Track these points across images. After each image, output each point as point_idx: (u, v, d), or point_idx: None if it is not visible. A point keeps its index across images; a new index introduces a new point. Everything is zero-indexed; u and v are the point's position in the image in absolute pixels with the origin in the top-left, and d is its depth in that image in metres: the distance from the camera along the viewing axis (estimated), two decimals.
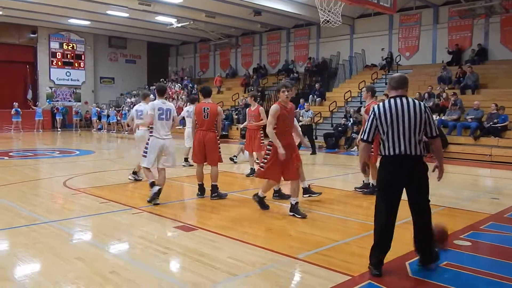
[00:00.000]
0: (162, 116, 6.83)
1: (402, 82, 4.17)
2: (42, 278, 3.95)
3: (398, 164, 4.02)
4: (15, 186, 8.30)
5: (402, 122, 3.96)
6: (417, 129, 3.99)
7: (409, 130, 3.97)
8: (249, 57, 28.08)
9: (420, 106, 4.03)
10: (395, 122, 3.98)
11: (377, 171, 4.37)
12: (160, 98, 7.03)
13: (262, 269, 4.19)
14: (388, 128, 4.00)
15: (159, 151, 6.83)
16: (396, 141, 3.98)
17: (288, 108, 6.19)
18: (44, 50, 27.92)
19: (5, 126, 24.72)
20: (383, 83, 20.10)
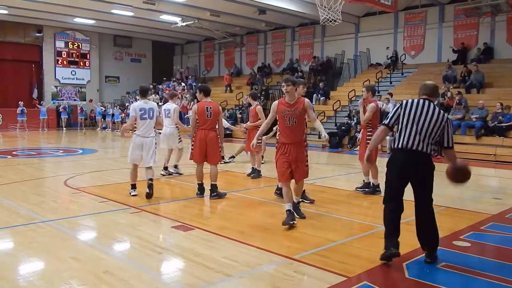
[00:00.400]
0: (145, 115, 7.13)
1: (434, 90, 4.50)
2: (36, 278, 3.93)
3: (409, 156, 4.23)
4: (16, 185, 8.31)
5: (423, 120, 4.19)
6: (434, 132, 4.21)
7: (427, 130, 4.18)
8: (254, 56, 28.03)
9: (442, 114, 4.27)
10: (417, 117, 4.20)
11: (387, 163, 4.48)
12: (143, 99, 7.30)
13: (257, 269, 4.16)
14: (409, 121, 4.22)
15: (138, 149, 7.19)
16: (412, 135, 4.20)
17: (292, 104, 5.69)
18: (49, 49, 28.02)
19: (10, 125, 24.85)
20: (388, 82, 20.04)
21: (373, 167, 7.65)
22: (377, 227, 5.60)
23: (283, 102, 5.77)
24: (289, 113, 5.70)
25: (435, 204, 6.93)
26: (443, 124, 4.23)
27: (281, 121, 5.79)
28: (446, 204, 7.01)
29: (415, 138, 4.19)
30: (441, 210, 6.70)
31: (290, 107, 5.72)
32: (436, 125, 4.20)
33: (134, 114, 7.12)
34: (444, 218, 6.43)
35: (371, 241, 5.06)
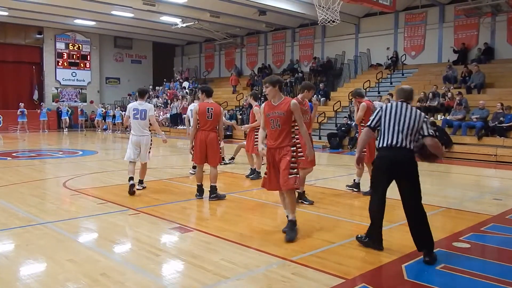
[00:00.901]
0: (137, 116, 7.64)
1: (410, 94, 4.79)
2: (31, 280, 3.90)
3: (395, 152, 4.53)
4: (14, 186, 8.29)
5: (403, 120, 4.52)
6: (414, 128, 4.53)
7: (408, 127, 4.51)
8: (254, 57, 28.01)
9: (419, 112, 4.63)
10: (397, 117, 4.54)
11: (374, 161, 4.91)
12: (140, 100, 7.77)
13: (255, 271, 4.13)
14: (391, 121, 4.56)
15: (135, 147, 7.69)
16: (396, 134, 4.53)
17: (275, 105, 5.14)
18: (50, 50, 28.04)
19: (11, 126, 24.87)
20: (388, 82, 20.00)
21: (368, 168, 7.68)
22: None
23: (268, 104, 5.28)
24: (273, 115, 5.15)
25: (435, 205, 6.93)
26: (421, 121, 4.56)
27: (266, 124, 5.30)
28: (446, 205, 6.98)
29: (398, 136, 4.52)
30: (441, 211, 6.68)
31: (274, 109, 5.17)
32: (415, 122, 4.53)
33: (128, 113, 7.71)
34: (444, 219, 6.42)
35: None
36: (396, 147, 4.51)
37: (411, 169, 4.57)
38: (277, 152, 5.16)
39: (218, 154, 7.21)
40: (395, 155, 4.53)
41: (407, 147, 4.51)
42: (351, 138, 16.45)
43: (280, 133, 5.12)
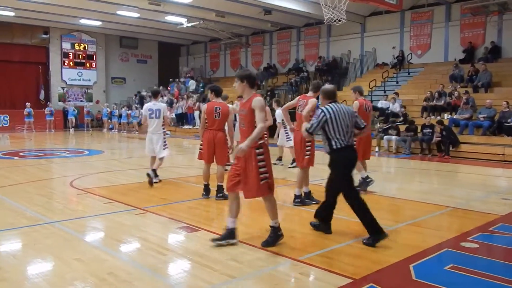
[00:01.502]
0: (152, 115, 8.42)
1: (335, 93, 5.30)
2: (39, 279, 3.91)
3: (352, 150, 5.11)
4: (21, 186, 8.33)
5: (345, 119, 5.00)
6: (352, 124, 5.09)
7: (349, 125, 5.03)
8: (259, 56, 27.99)
9: (349, 108, 5.23)
10: (342, 118, 4.97)
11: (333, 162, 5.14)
12: (154, 100, 8.60)
13: (262, 271, 4.12)
14: (338, 123, 4.94)
15: (150, 143, 8.48)
16: (346, 133, 4.99)
17: (244, 103, 4.78)
18: (56, 50, 28.15)
19: (17, 126, 24.99)
20: (394, 81, 19.93)
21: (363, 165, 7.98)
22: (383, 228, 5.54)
23: (241, 101, 5.02)
24: (240, 113, 4.85)
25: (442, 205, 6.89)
26: (354, 115, 5.14)
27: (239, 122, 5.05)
28: (453, 205, 6.94)
29: (347, 135, 5.00)
30: (448, 211, 6.64)
31: (242, 107, 4.81)
32: (352, 118, 5.07)
33: (145, 113, 8.54)
34: (451, 219, 6.38)
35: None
36: (350, 145, 5.05)
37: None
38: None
39: (225, 153, 7.26)
40: (353, 152, 5.11)
41: (353, 143, 5.14)
42: None
43: (245, 133, 4.71)
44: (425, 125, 14.62)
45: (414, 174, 11.39)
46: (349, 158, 5.07)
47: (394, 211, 7.02)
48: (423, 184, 9.84)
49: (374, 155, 14.92)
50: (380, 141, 15.64)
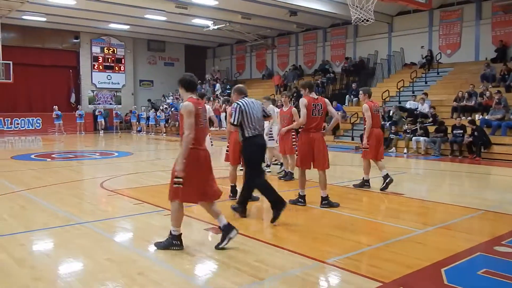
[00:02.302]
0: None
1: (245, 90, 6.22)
2: (72, 279, 4.01)
3: (261, 137, 6.03)
4: (53, 187, 8.55)
5: (256, 111, 5.90)
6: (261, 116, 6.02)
7: (260, 116, 5.97)
8: (285, 58, 27.96)
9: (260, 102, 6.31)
10: (253, 110, 5.86)
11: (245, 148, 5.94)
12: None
13: (289, 273, 4.11)
14: (250, 114, 5.83)
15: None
16: (257, 123, 5.88)
17: None
18: (86, 54, 28.80)
19: (49, 128, 25.67)
20: (423, 82, 19.60)
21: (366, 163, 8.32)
22: (412, 231, 5.47)
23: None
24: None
25: (474, 208, 6.74)
26: (261, 108, 6.11)
27: None
28: (485, 208, 6.77)
29: (257, 125, 5.88)
30: (480, 214, 6.48)
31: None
32: (260, 111, 6.01)
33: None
34: (483, 222, 6.23)
35: (406, 245, 4.92)
36: (260, 135, 5.96)
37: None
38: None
39: None
40: (262, 139, 6.04)
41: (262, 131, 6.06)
42: (385, 138, 16.16)
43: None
44: (456, 126, 14.32)
45: (444, 176, 11.16)
46: (257, 145, 5.90)
47: (423, 213, 6.89)
48: (453, 186, 9.64)
49: (403, 156, 14.71)
50: (408, 143, 15.40)
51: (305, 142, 6.61)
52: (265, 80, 28.12)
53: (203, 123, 4.66)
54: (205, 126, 4.77)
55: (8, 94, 25.46)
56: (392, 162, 13.53)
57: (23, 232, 5.44)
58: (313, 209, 6.78)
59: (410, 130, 15.67)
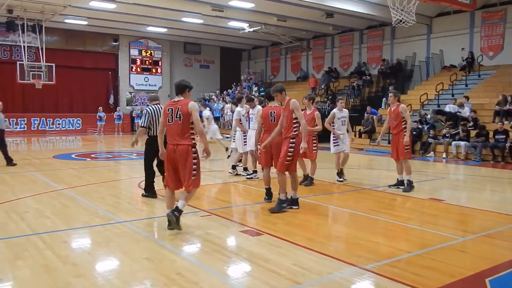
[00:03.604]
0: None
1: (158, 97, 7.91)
2: (112, 276, 4.10)
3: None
4: (93, 186, 8.78)
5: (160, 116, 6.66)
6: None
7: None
8: (321, 60, 27.76)
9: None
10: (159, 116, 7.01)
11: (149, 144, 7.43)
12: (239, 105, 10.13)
13: (327, 278, 4.06)
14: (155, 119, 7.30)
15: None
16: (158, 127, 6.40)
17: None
18: (124, 57, 29.46)
19: (89, 129, 26.40)
20: (463, 84, 19.06)
21: (399, 165, 8.51)
22: (454, 238, 5.32)
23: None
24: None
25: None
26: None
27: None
28: None
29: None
30: None
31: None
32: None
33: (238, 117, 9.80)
34: None
35: (447, 253, 4.78)
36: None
37: None
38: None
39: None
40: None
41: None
42: (423, 143, 15.81)
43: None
44: (498, 131, 13.84)
45: (485, 182, 10.80)
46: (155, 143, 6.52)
47: (463, 221, 6.69)
48: (495, 193, 9.32)
49: (442, 161, 14.34)
50: (448, 147, 14.99)
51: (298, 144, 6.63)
52: (300, 83, 28.01)
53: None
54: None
55: (50, 95, 26.34)
56: (430, 167, 13.22)
57: (65, 230, 5.61)
58: (350, 214, 6.70)
59: (449, 134, 15.26)
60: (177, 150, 5.32)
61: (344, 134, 9.44)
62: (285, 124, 6.65)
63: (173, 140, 5.37)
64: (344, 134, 9.44)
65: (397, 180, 8.68)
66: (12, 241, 5.10)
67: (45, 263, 4.37)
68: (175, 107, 5.44)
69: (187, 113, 5.34)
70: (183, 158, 5.30)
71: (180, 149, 5.31)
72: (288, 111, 6.63)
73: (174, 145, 5.35)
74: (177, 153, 5.32)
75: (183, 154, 5.30)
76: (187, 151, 5.30)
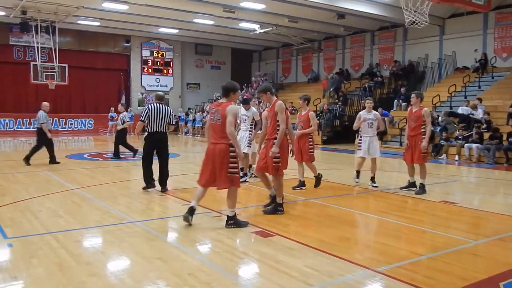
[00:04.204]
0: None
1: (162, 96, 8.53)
2: (125, 276, 4.13)
3: (159, 134, 8.12)
4: (105, 186, 8.85)
5: (162, 114, 8.05)
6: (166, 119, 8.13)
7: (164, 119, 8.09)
8: (332, 61, 27.69)
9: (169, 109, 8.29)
10: (158, 113, 8.01)
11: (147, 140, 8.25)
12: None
13: (339, 280, 4.05)
14: (155, 116, 7.99)
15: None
16: (158, 123, 8.03)
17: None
18: (136, 58, 29.66)
19: (101, 129, 26.61)
20: (476, 86, 18.91)
21: (422, 167, 8.33)
22: (466, 242, 5.28)
23: None
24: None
25: None
26: (170, 114, 8.19)
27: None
28: None
29: (159, 124, 8.04)
30: None
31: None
32: (166, 116, 8.08)
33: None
34: None
35: (462, 257, 4.75)
36: (159, 132, 8.06)
37: (165, 144, 8.32)
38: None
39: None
40: (159, 136, 8.11)
41: (163, 131, 8.13)
42: (435, 145, 15.69)
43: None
44: None
45: (499, 185, 10.69)
46: (155, 139, 8.12)
47: (476, 224, 6.63)
48: (509, 196, 9.23)
49: (454, 163, 14.22)
50: (460, 149, 14.86)
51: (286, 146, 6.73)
52: (311, 84, 27.97)
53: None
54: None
55: (63, 96, 26.61)
56: (442, 169, 13.12)
57: (78, 229, 5.67)
58: (362, 215, 6.67)
59: (462, 137, 15.13)
60: (216, 149, 5.62)
61: (372, 137, 9.09)
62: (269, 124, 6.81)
63: (214, 140, 5.69)
64: (372, 137, 9.09)
65: (408, 182, 8.65)
66: (27, 240, 5.16)
67: (59, 262, 4.42)
68: (217, 109, 5.72)
69: (225, 115, 5.56)
70: (220, 157, 5.58)
71: (219, 148, 5.60)
72: (273, 112, 6.65)
73: (214, 143, 5.67)
74: (216, 151, 5.62)
75: (221, 153, 5.59)
76: (225, 150, 5.57)
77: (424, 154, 8.34)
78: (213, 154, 5.66)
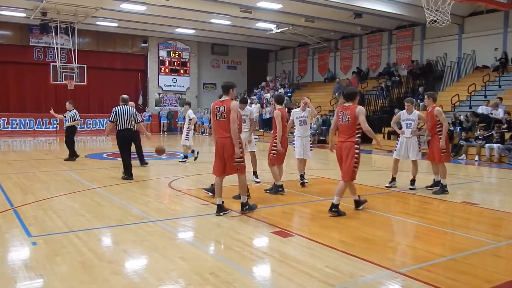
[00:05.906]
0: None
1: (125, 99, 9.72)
2: (148, 274, 4.18)
3: (127, 131, 9.53)
4: (125, 185, 8.95)
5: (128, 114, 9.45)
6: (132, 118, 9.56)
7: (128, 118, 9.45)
8: (349, 61, 27.54)
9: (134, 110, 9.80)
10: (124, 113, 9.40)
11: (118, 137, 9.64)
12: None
13: (361, 281, 4.04)
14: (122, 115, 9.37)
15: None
16: (126, 122, 9.38)
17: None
18: (153, 58, 29.92)
19: None
20: (496, 85, 18.61)
21: (442, 167, 8.34)
22: (490, 243, 5.22)
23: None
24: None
25: None
26: (134, 113, 9.66)
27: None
28: None
29: (126, 123, 9.40)
30: None
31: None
32: (130, 115, 9.50)
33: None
34: None
35: (482, 258, 4.70)
36: (128, 129, 9.47)
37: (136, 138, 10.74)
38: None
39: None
40: (127, 133, 9.51)
41: (132, 128, 9.69)
42: (454, 145, 15.49)
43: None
44: None
45: None
46: (123, 136, 9.52)
47: (497, 225, 6.54)
48: None
49: (474, 164, 14.03)
50: (480, 150, 14.65)
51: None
52: (327, 83, 27.84)
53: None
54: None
55: (82, 96, 26.95)
56: (462, 169, 12.96)
57: (100, 228, 5.75)
58: (382, 216, 6.64)
59: (482, 137, 14.91)
60: (225, 143, 6.20)
61: (410, 138, 8.95)
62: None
63: (221, 135, 6.27)
64: (410, 138, 8.95)
65: (434, 181, 8.67)
66: (50, 238, 5.26)
67: (82, 260, 4.49)
68: (221, 106, 6.30)
69: (229, 111, 6.18)
70: (228, 150, 6.20)
71: (227, 142, 6.18)
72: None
73: (221, 138, 6.26)
74: (225, 146, 6.21)
75: (228, 146, 6.19)
76: (231, 143, 6.17)
77: (444, 154, 8.26)
78: (222, 148, 6.25)
